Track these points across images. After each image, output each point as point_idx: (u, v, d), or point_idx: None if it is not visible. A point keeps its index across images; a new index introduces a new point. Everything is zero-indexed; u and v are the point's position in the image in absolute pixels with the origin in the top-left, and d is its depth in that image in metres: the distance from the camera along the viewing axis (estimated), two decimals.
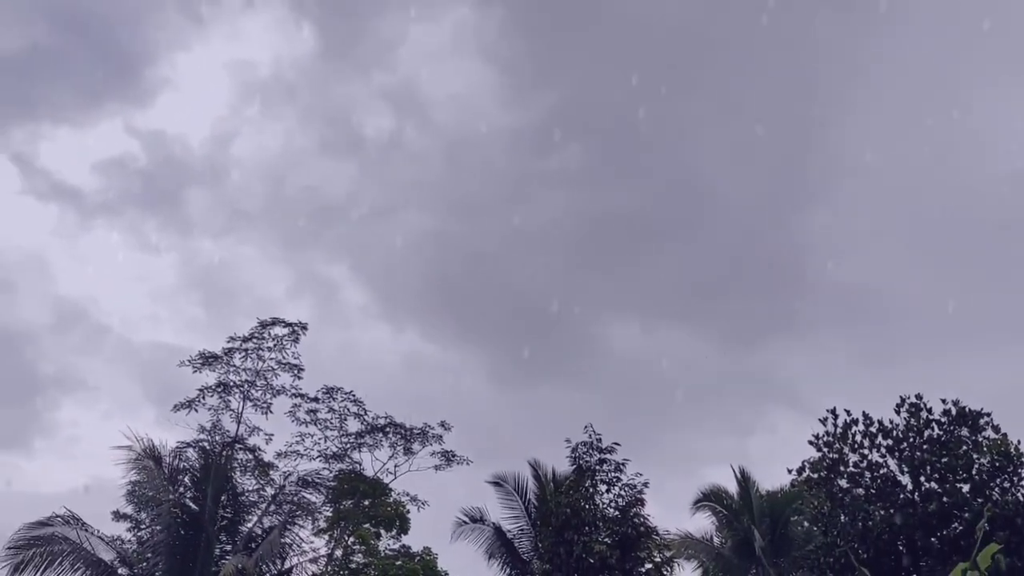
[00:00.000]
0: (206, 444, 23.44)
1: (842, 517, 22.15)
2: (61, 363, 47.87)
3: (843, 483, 22.12)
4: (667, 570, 20.32)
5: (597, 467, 20.60)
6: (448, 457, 26.95)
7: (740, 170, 54.78)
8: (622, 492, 20.60)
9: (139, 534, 22.39)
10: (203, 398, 24.48)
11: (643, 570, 20.01)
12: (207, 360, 24.62)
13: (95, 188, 55.01)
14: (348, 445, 26.56)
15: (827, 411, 22.85)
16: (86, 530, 20.43)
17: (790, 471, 24.17)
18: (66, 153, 58.30)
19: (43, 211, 55.43)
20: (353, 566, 27.21)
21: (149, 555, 20.83)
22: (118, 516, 23.36)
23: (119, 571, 20.79)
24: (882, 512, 21.38)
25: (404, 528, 28.11)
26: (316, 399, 26.07)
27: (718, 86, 55.63)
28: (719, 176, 55.07)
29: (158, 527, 20.80)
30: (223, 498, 21.84)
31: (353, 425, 26.49)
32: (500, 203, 57.58)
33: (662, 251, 55.91)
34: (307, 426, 26.05)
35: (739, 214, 54.65)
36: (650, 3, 53.89)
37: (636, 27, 52.96)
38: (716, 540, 29.75)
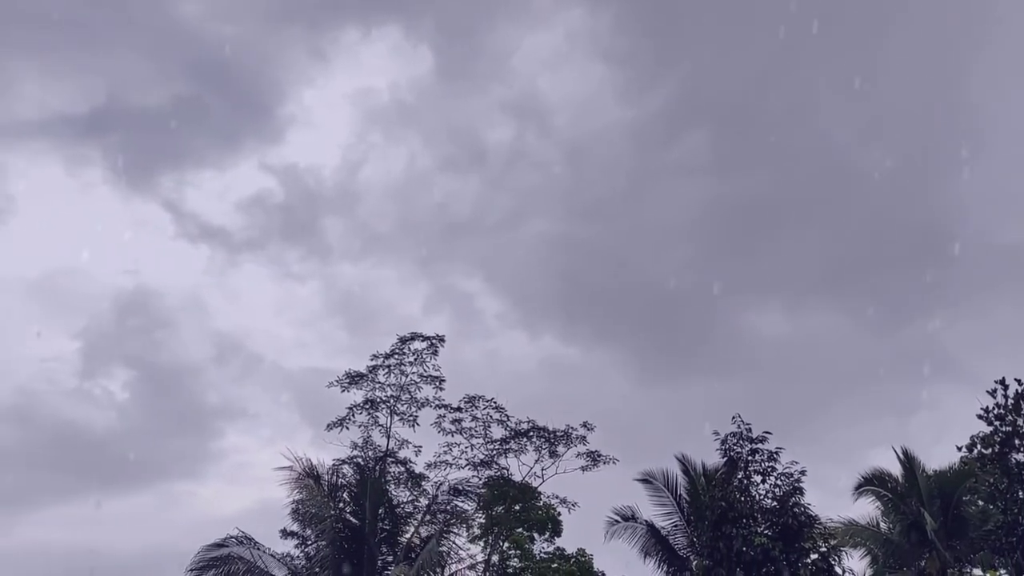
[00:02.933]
0: (360, 460, 24.28)
1: (1020, 493, 20.70)
2: (224, 394, 50.87)
3: (1019, 456, 20.66)
4: (834, 559, 19.48)
5: (749, 458, 20.00)
6: (594, 457, 26.87)
7: (877, 139, 52.24)
8: (778, 482, 19.91)
9: (306, 550, 23.37)
10: (353, 416, 25.40)
11: (808, 561, 19.26)
12: (353, 379, 25.53)
13: (240, 226, 58.33)
14: (494, 452, 26.92)
15: (995, 382, 21.40)
16: (258, 549, 21.54)
17: (959, 448, 22.80)
18: (210, 195, 62.32)
19: (195, 252, 59.29)
20: (510, 571, 27.52)
21: (317, 569, 21.72)
22: (285, 534, 24.49)
23: None
24: None
25: (557, 530, 28.20)
26: (459, 409, 26.56)
27: (844, 55, 53.27)
28: (855, 148, 52.68)
29: (323, 542, 21.64)
30: (380, 511, 22.52)
31: (497, 432, 26.86)
32: (628, 199, 57.26)
33: (800, 231, 54.07)
34: (453, 435, 26.61)
35: (880, 184, 52.08)
36: None
37: (750, 5, 51.50)
38: (883, 526, 28.31)
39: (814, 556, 19.42)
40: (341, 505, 22.16)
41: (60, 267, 60.68)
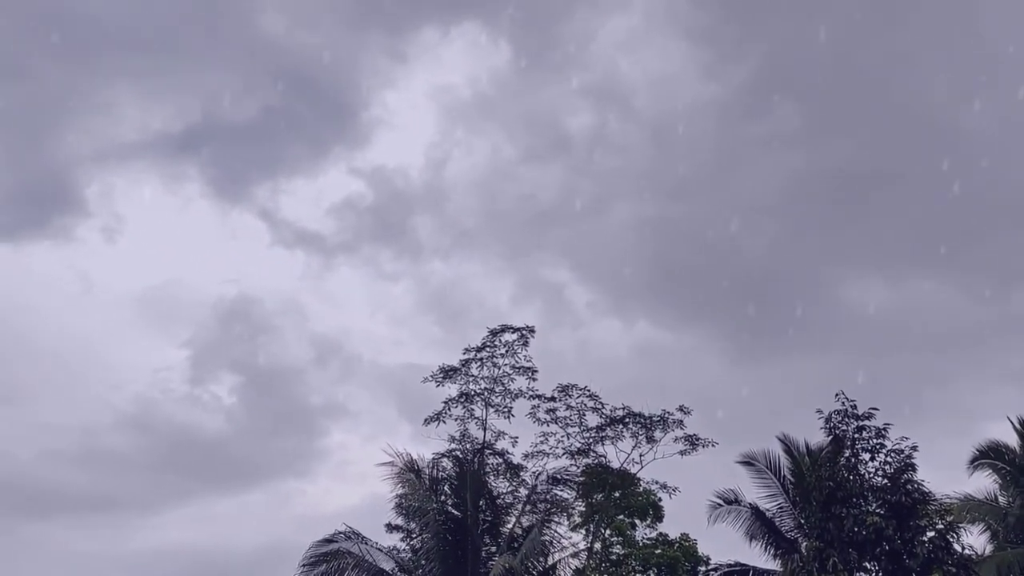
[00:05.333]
0: (458, 453, 24.58)
1: None
2: (326, 394, 52.50)
3: None
4: (952, 536, 18.68)
5: (855, 435, 19.33)
6: (692, 441, 26.52)
7: (978, 96, 49.72)
8: (888, 459, 19.20)
9: (412, 542, 23.81)
10: (448, 410, 25.73)
11: (924, 539, 18.53)
12: (447, 373, 25.84)
13: (333, 230, 59.97)
14: (590, 439, 26.84)
15: None
16: (366, 543, 22.06)
17: None
18: (303, 202, 64.39)
19: (291, 258, 61.30)
20: (613, 558, 27.46)
21: (423, 562, 22.10)
22: (390, 528, 25.03)
23: None
24: None
25: (658, 516, 27.98)
26: (553, 398, 26.58)
27: (937, 6, 50.76)
28: (954, 108, 50.30)
29: (427, 535, 22.01)
30: (481, 502, 22.74)
31: (592, 420, 26.76)
32: (715, 176, 56.32)
33: (897, 198, 52.03)
34: (548, 425, 26.63)
35: (983, 145, 49.56)
36: None
37: None
38: (1001, 500, 27.12)
39: (931, 534, 18.67)
40: (442, 498, 22.47)
41: (166, 280, 63.64)
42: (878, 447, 19.33)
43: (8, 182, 56.07)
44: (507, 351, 25.90)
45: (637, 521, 28.30)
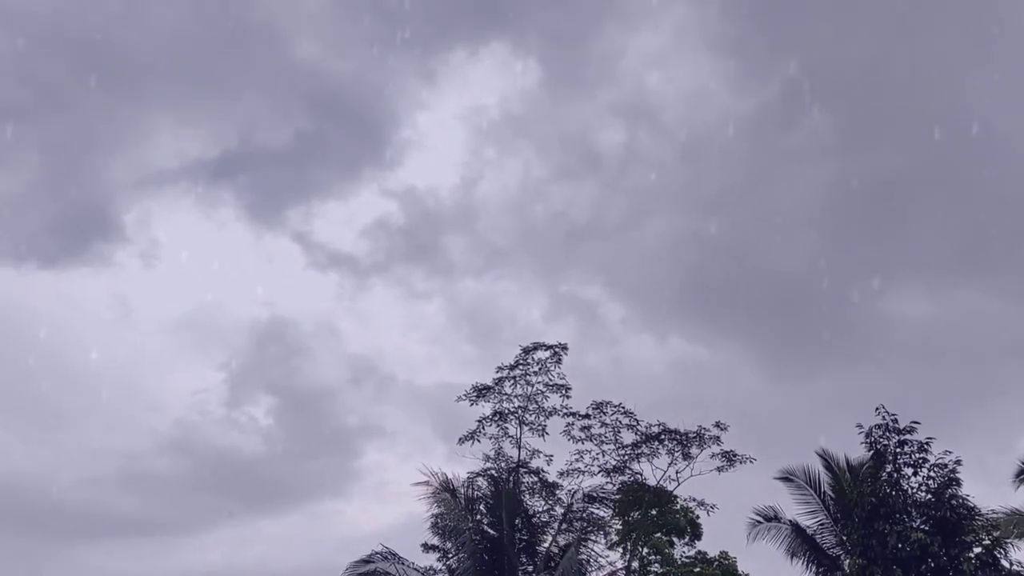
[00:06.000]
0: (493, 472, 24.52)
1: None
2: (361, 414, 52.58)
3: None
4: (1000, 552, 18.23)
5: (897, 450, 18.99)
6: (729, 457, 26.24)
7: (1015, 101, 48.85)
8: (931, 474, 18.82)
9: (448, 562, 23.76)
10: (483, 428, 25.72)
11: (971, 555, 18.09)
12: (480, 392, 25.86)
13: (365, 251, 60.20)
14: (626, 457, 26.67)
15: None
16: (403, 563, 22.09)
17: None
18: (336, 224, 64.88)
19: (325, 280, 61.56)
20: None
21: None
22: (427, 548, 24.99)
23: None
24: None
25: (696, 534, 27.63)
26: (587, 416, 26.46)
27: (971, 6, 50.09)
28: (992, 112, 49.38)
29: (463, 554, 21.95)
30: (517, 521, 22.65)
31: (627, 437, 26.60)
32: (750, 190, 55.88)
33: (937, 207, 51.18)
34: (583, 443, 26.52)
35: (1022, 150, 48.63)
36: None
37: None
38: None
39: (977, 550, 18.23)
40: (478, 517, 22.42)
41: (203, 304, 64.27)
42: (921, 461, 18.97)
43: (48, 209, 57.33)
44: (540, 369, 25.88)
45: (675, 539, 27.97)
